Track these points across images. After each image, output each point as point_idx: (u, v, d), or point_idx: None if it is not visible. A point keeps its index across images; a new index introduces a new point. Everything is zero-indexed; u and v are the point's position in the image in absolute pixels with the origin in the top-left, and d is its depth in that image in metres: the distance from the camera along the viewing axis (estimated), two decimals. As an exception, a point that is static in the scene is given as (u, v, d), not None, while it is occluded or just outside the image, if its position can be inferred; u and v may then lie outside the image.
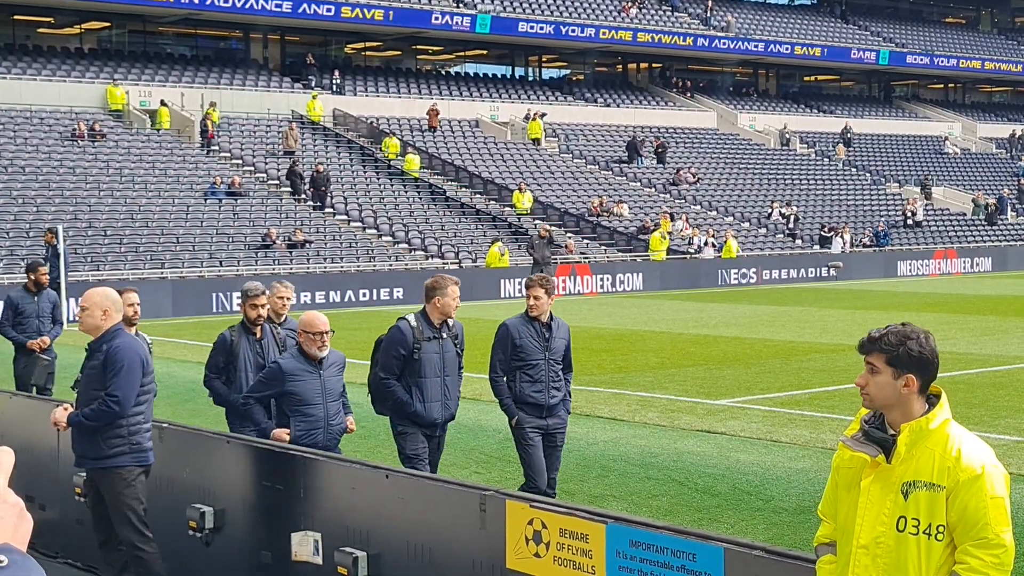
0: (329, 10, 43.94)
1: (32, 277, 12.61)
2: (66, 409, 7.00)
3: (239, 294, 9.04)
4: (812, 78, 63.73)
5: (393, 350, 8.03)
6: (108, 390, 6.69)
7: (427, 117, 44.53)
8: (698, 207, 43.64)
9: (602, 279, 34.44)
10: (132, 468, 6.84)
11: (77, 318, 6.97)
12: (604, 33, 51.04)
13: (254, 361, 8.49)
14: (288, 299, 9.20)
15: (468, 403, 14.05)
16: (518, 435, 8.27)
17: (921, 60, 61.61)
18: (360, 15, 44.58)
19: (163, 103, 39.10)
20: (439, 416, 8.10)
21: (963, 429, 3.76)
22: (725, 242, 38.34)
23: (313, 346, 7.49)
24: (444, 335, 8.12)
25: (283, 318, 9.14)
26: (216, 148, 38.34)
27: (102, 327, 6.76)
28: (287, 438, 7.44)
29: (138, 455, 6.86)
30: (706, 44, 54.36)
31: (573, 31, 50.46)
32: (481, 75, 52.77)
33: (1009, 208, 50.64)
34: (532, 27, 49.03)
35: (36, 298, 12.52)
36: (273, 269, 30.59)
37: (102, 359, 6.73)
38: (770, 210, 44.46)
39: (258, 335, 8.62)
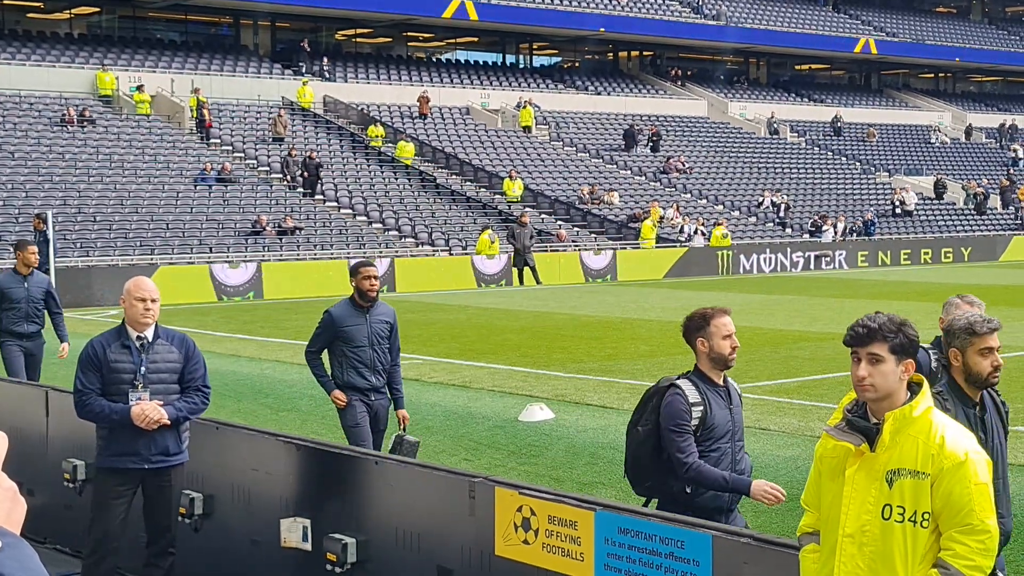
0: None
1: (20, 256, 11.70)
2: (159, 404, 6.40)
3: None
4: (805, 67, 63.74)
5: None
6: (204, 382, 6.63)
7: (418, 104, 44.45)
8: (688, 195, 43.65)
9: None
10: None
11: (149, 310, 6.58)
12: (592, 20, 50.88)
13: None
14: None
15: (457, 390, 14.07)
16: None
17: (911, 49, 61.65)
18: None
19: (141, 88, 38.78)
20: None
21: (945, 416, 3.77)
22: (712, 231, 38.35)
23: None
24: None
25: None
26: (202, 134, 38.21)
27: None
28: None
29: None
30: (693, 31, 54.30)
31: (558, 18, 50.26)
32: (472, 62, 52.67)
33: (997, 197, 50.71)
34: (517, 13, 48.83)
35: (26, 282, 11.61)
36: (263, 256, 30.56)
37: (183, 352, 6.64)
38: (761, 199, 44.50)
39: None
